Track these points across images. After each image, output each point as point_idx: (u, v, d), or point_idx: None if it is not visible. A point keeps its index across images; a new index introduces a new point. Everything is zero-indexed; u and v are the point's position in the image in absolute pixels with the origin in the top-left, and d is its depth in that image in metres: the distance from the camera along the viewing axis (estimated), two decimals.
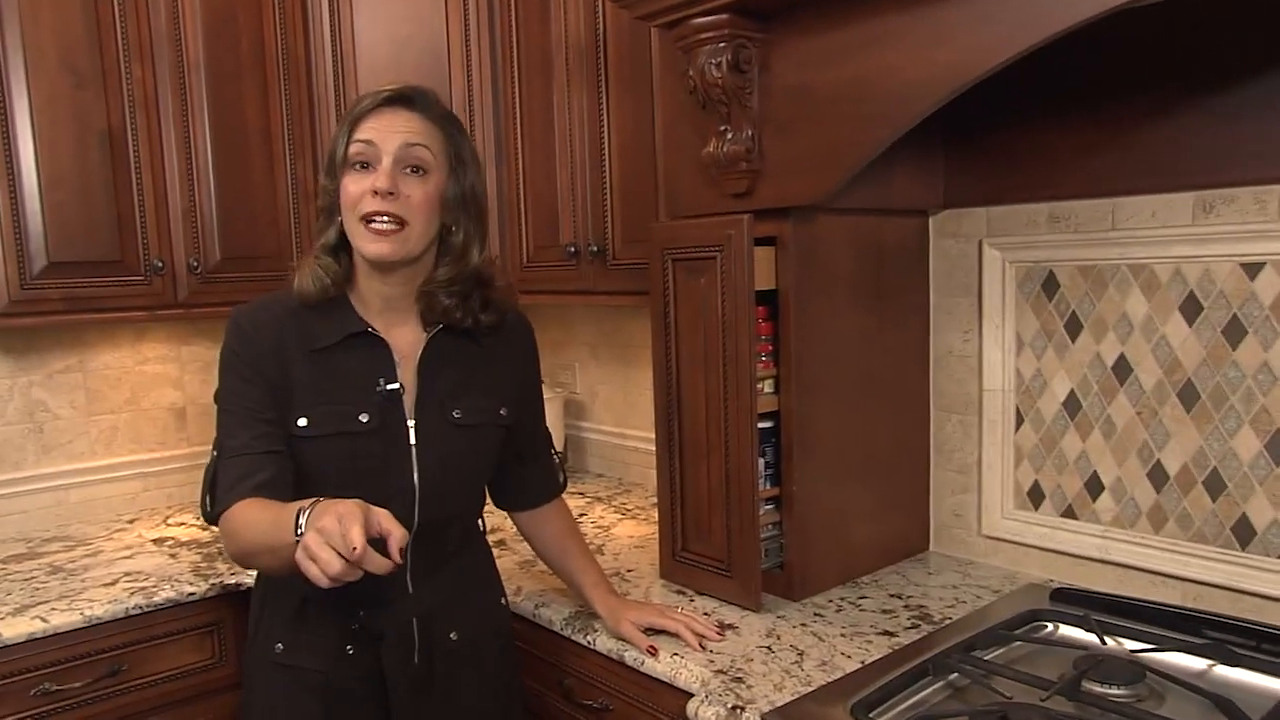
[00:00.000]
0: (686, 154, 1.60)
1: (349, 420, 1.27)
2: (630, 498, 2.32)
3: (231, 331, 1.29)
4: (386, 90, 1.27)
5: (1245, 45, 1.31)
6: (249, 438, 1.23)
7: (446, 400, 1.33)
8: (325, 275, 1.29)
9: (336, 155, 1.26)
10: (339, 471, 1.26)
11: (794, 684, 1.26)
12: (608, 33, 1.88)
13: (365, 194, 1.23)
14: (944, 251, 1.73)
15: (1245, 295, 1.37)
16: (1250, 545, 1.39)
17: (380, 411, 1.28)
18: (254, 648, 1.37)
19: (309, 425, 1.25)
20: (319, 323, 1.29)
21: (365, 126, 1.24)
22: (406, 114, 1.26)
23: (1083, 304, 1.54)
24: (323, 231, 1.31)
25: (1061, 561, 1.60)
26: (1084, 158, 1.50)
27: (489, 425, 1.38)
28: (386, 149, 1.23)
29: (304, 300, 1.29)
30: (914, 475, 1.77)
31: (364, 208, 1.23)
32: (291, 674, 1.31)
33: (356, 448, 1.27)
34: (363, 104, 1.26)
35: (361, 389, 1.28)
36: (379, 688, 1.30)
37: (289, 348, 1.27)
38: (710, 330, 1.52)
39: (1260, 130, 1.31)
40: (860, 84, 1.34)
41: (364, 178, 1.23)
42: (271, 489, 1.21)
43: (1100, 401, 1.54)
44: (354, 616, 1.29)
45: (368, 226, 1.24)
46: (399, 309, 1.33)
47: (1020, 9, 1.15)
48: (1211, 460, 1.42)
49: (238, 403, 1.26)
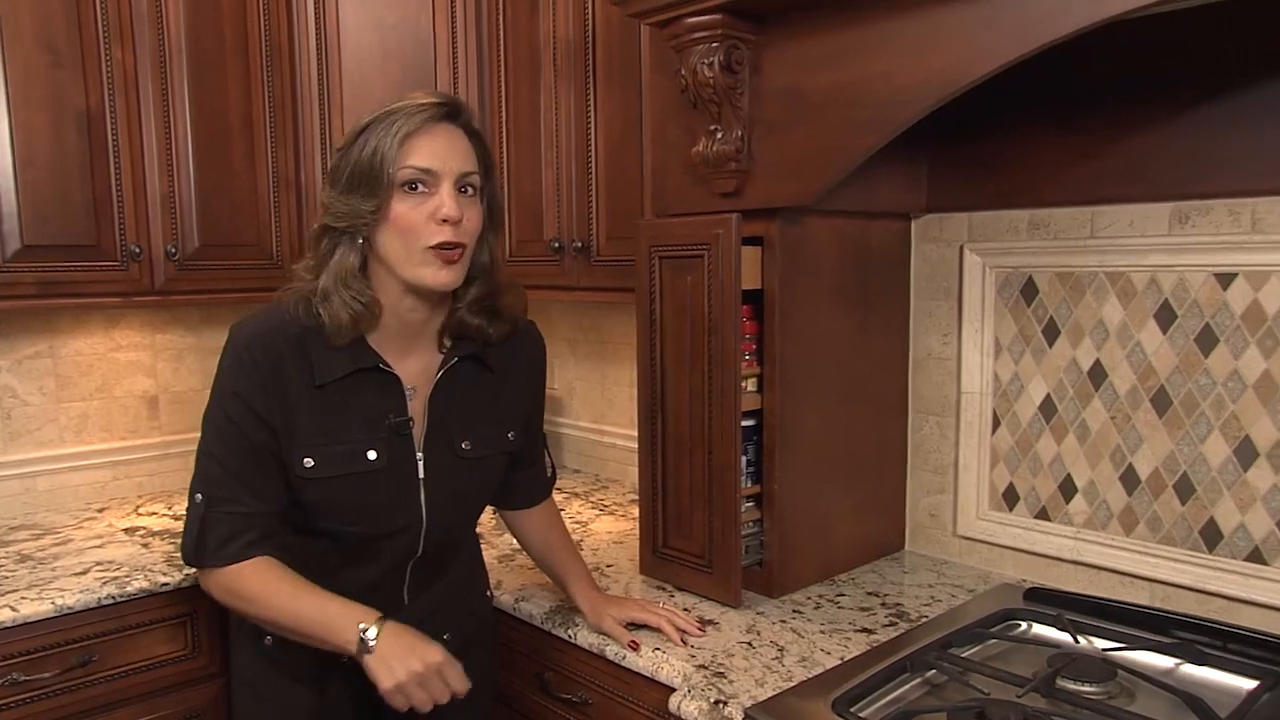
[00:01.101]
0: (675, 152, 1.61)
1: (356, 459, 1.23)
2: (608, 494, 2.32)
3: (232, 362, 1.20)
4: (431, 102, 1.19)
5: (1223, 61, 1.34)
6: (244, 493, 1.20)
7: (456, 433, 1.31)
8: (361, 305, 1.20)
9: (382, 175, 1.15)
10: (345, 509, 1.25)
11: (775, 679, 1.27)
12: (597, 30, 1.88)
13: (430, 222, 1.16)
14: (925, 255, 1.76)
15: (1218, 305, 1.40)
16: (1217, 548, 1.43)
17: (388, 448, 1.25)
18: (243, 634, 1.36)
19: (314, 467, 1.21)
20: (326, 354, 1.21)
21: (420, 149, 1.16)
22: (458, 134, 1.20)
23: (1060, 310, 1.58)
24: (336, 251, 1.20)
25: (1035, 562, 1.63)
26: (1064, 166, 1.53)
27: (497, 454, 1.38)
28: (446, 174, 1.17)
29: (336, 340, 1.20)
30: (891, 475, 1.80)
31: (435, 237, 1.16)
32: (281, 668, 1.31)
33: (363, 486, 1.24)
34: (407, 119, 1.16)
35: (369, 425, 1.24)
36: (371, 690, 1.29)
37: (294, 383, 1.20)
38: (696, 328, 1.53)
39: (1236, 144, 1.35)
40: (851, 88, 1.36)
41: (422, 202, 1.17)
42: (266, 548, 1.22)
43: (1075, 406, 1.57)
44: None
45: (436, 256, 1.17)
46: (419, 334, 1.28)
47: (1011, 18, 1.17)
48: (1182, 465, 1.46)
49: (233, 458, 1.20)
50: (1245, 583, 1.40)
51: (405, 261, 1.19)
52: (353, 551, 1.29)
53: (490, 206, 1.28)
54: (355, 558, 1.29)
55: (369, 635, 1.16)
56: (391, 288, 1.22)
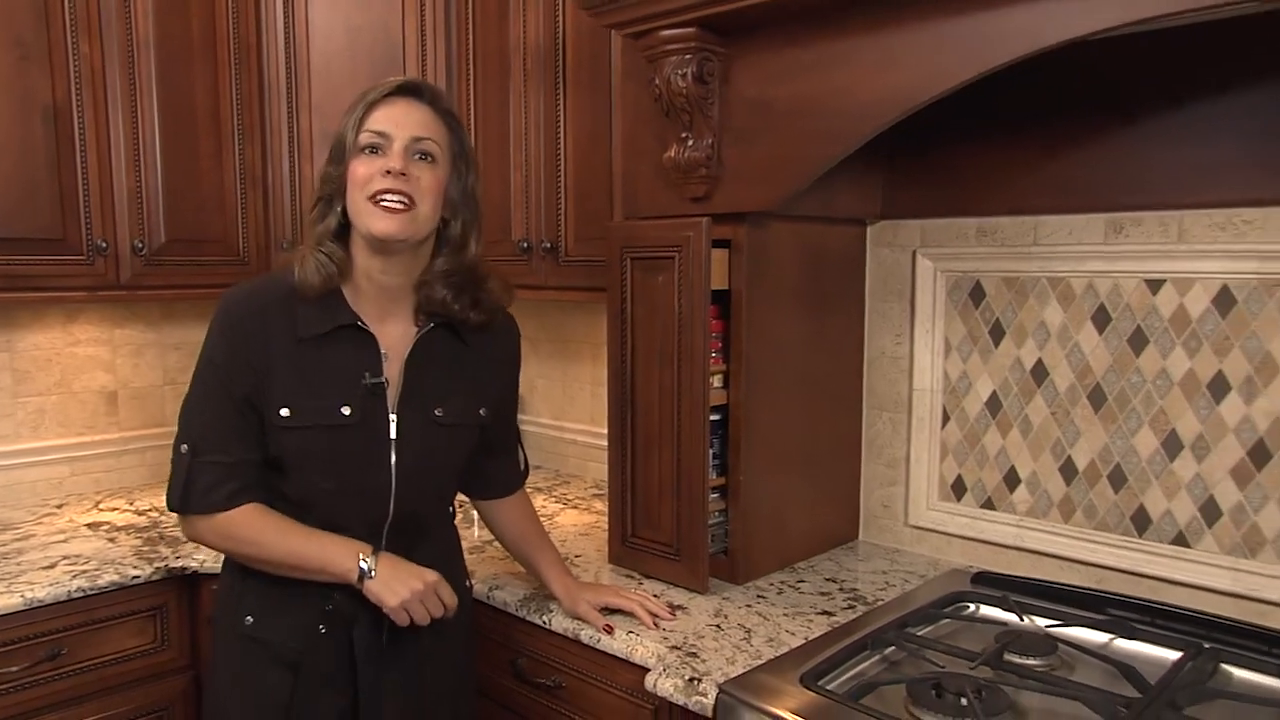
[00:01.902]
0: (646, 158, 1.68)
1: (331, 413, 1.30)
2: (569, 489, 2.38)
3: (220, 321, 1.30)
4: (397, 80, 1.30)
5: (1157, 83, 1.46)
6: (228, 443, 1.29)
7: (430, 399, 1.37)
8: (331, 263, 1.30)
9: (346, 141, 1.27)
10: (318, 461, 1.30)
11: (745, 658, 1.35)
12: (567, 36, 1.94)
13: (375, 174, 1.26)
14: (880, 259, 1.86)
15: (1148, 309, 1.52)
16: (1146, 533, 1.54)
17: (362, 405, 1.32)
18: (223, 619, 1.39)
19: (291, 416, 1.29)
20: (309, 312, 1.30)
21: (377, 115, 1.27)
22: (417, 105, 1.30)
23: (1006, 312, 1.68)
24: (322, 218, 1.31)
25: (981, 549, 1.74)
26: (1010, 178, 1.64)
27: (469, 425, 1.43)
28: (398, 137, 1.27)
29: (306, 292, 1.29)
30: (847, 468, 1.89)
31: (374, 186, 1.25)
32: (260, 647, 1.34)
33: (336, 440, 1.30)
34: (373, 92, 1.29)
35: (345, 381, 1.31)
36: (347, 667, 1.33)
37: (276, 336, 1.29)
38: (666, 326, 1.60)
39: (1166, 161, 1.47)
40: (815, 101, 1.44)
41: (374, 160, 1.26)
42: (252, 496, 1.31)
43: (1019, 402, 1.68)
44: (328, 599, 1.32)
45: (377, 204, 1.26)
46: (395, 299, 1.36)
47: (963, 43, 1.26)
48: (1115, 456, 1.57)
49: (216, 408, 1.29)
50: (1171, 564, 1.51)
51: (357, 214, 1.28)
52: (325, 518, 1.33)
53: (465, 189, 1.37)
54: (329, 526, 1.33)
55: (367, 563, 1.29)
56: (360, 248, 1.32)
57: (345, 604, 1.32)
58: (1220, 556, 1.47)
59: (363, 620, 1.34)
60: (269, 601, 1.34)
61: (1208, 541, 1.48)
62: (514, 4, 2.03)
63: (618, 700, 1.46)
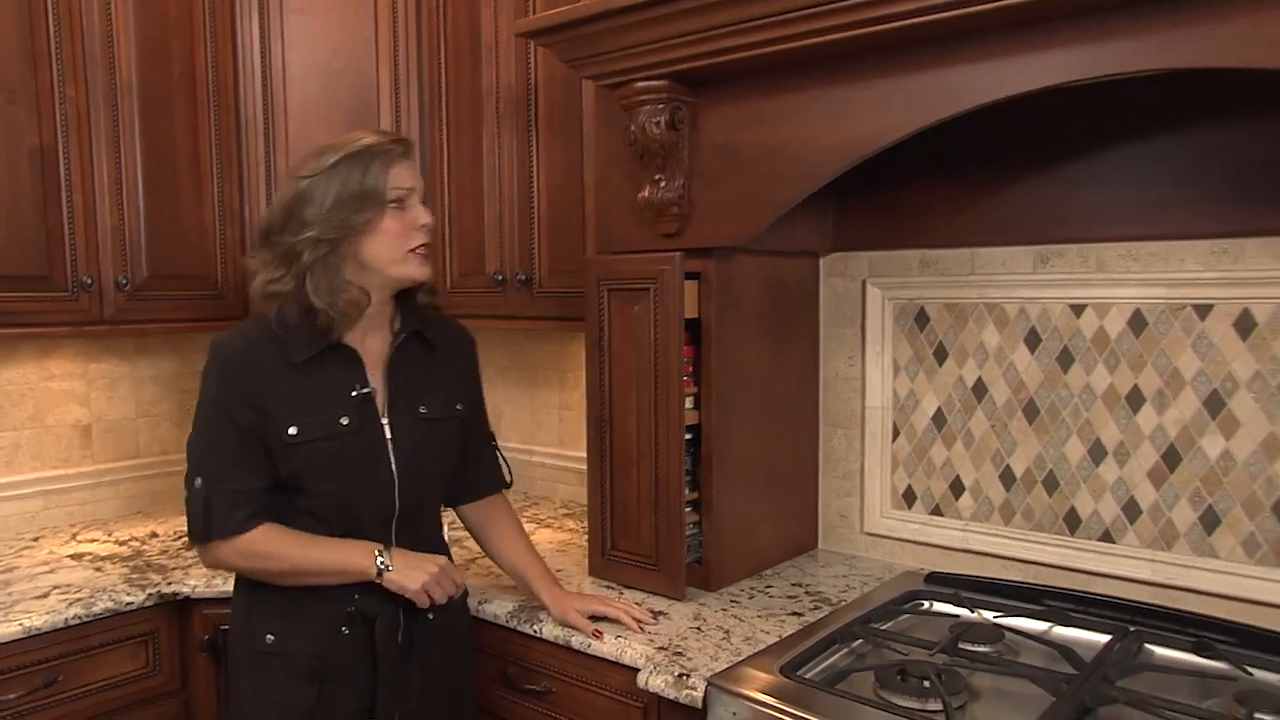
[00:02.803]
0: (619, 197, 1.81)
1: (332, 425, 1.43)
2: (540, 509, 2.48)
3: (214, 363, 1.43)
4: (397, 140, 1.47)
5: (1077, 132, 1.65)
6: (238, 471, 1.41)
7: (413, 399, 1.52)
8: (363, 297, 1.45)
9: (374, 194, 1.41)
10: (329, 469, 1.42)
11: (727, 655, 1.47)
12: (539, 82, 2.07)
13: (411, 229, 1.45)
14: (833, 288, 2.02)
15: (1073, 330, 1.71)
16: (1077, 531, 1.72)
17: (357, 414, 1.46)
18: (241, 641, 1.47)
19: (299, 433, 1.41)
20: (296, 339, 1.43)
21: (401, 174, 1.44)
22: (412, 160, 1.49)
23: (948, 335, 1.86)
24: (321, 260, 1.41)
25: (931, 552, 1.90)
26: (950, 214, 1.82)
27: (450, 418, 1.58)
28: (416, 191, 1.47)
29: (343, 327, 1.44)
30: (806, 482, 2.04)
31: (416, 239, 1.46)
32: (282, 662, 1.43)
33: (341, 447, 1.43)
34: (387, 152, 1.44)
35: (339, 396, 1.45)
36: (367, 667, 1.44)
37: (269, 368, 1.42)
38: (643, 352, 1.73)
39: (1084, 200, 1.66)
40: (778, 148, 1.60)
41: (403, 214, 1.44)
42: (267, 517, 1.43)
43: (962, 416, 1.85)
44: (349, 600, 1.43)
45: (416, 253, 1.46)
46: (376, 319, 1.51)
47: (912, 97, 1.43)
48: (1048, 464, 1.75)
49: (224, 440, 1.41)
50: (1099, 559, 1.69)
51: (393, 262, 1.45)
52: (341, 522, 1.46)
53: None
54: (345, 529, 1.46)
55: (383, 559, 1.43)
56: (367, 284, 1.46)
57: (366, 603, 1.44)
58: (1141, 550, 1.65)
59: (384, 615, 1.45)
60: (288, 616, 1.43)
61: (1130, 537, 1.66)
62: (487, 51, 2.16)
63: (608, 701, 1.57)
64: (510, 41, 2.10)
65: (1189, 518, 1.60)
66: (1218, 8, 1.16)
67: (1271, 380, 1.51)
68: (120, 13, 2.05)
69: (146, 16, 2.09)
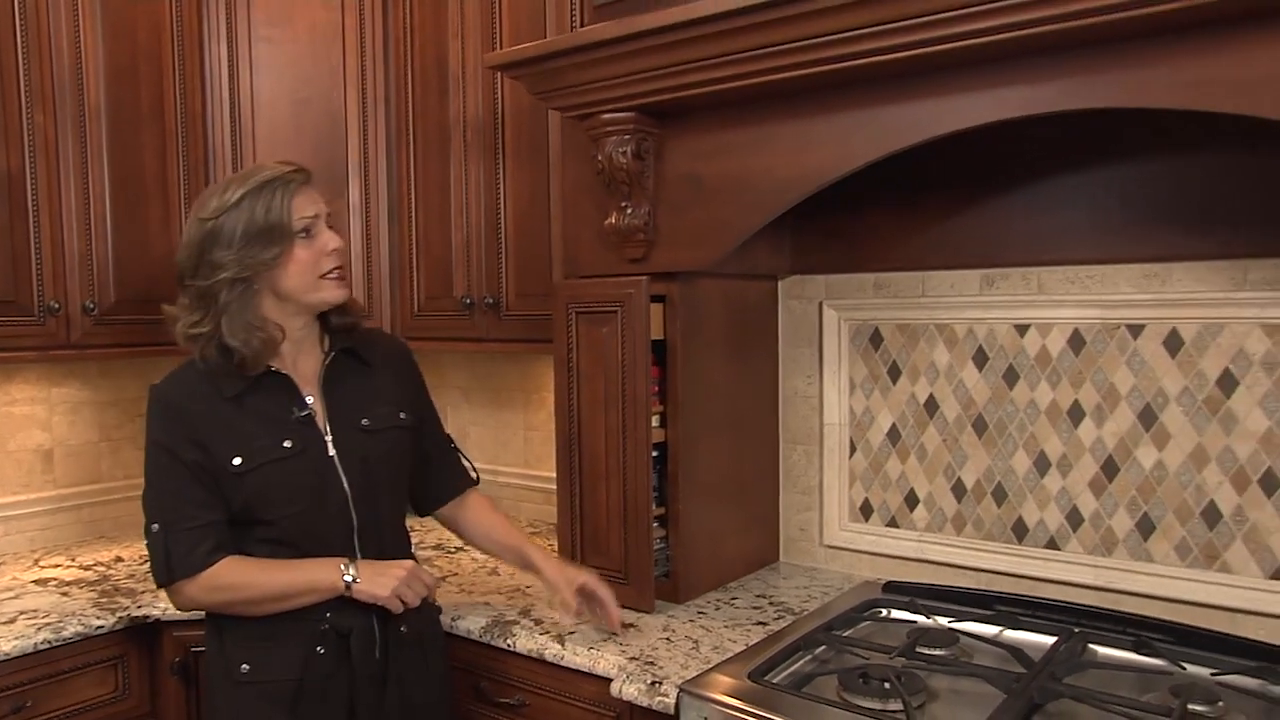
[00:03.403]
0: (587, 223, 1.88)
1: (275, 449, 1.46)
2: None
3: (153, 409, 1.46)
4: (293, 166, 1.48)
5: (1020, 162, 1.75)
6: (192, 508, 1.43)
7: (354, 413, 1.55)
8: (278, 335, 1.47)
9: (280, 227, 1.42)
10: (279, 493, 1.45)
11: (697, 663, 1.53)
12: (506, 112, 2.13)
13: (321, 255, 1.48)
14: (791, 310, 2.10)
15: (1018, 349, 1.81)
16: (1025, 540, 1.81)
17: (301, 435, 1.48)
18: (216, 670, 1.48)
19: (243, 462, 1.43)
20: (227, 375, 1.46)
21: (303, 205, 1.46)
22: (313, 188, 1.51)
23: (901, 354, 1.95)
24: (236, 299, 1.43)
25: (888, 563, 1.98)
26: (901, 239, 1.91)
27: (395, 428, 1.60)
28: (321, 216, 1.50)
29: (254, 367, 1.45)
30: (767, 496, 2.11)
31: (326, 264, 1.49)
32: (259, 689, 1.44)
33: (288, 470, 1.46)
34: (289, 182, 1.45)
35: (279, 420, 1.48)
36: (345, 685, 1.46)
37: (206, 403, 1.45)
38: (610, 373, 1.79)
39: (1026, 227, 1.76)
40: (740, 177, 1.68)
41: (312, 242, 1.47)
42: (229, 550, 1.45)
43: (915, 432, 1.94)
44: (322, 619, 1.45)
45: (330, 277, 1.49)
46: (304, 342, 1.55)
47: (869, 130, 1.52)
48: (997, 476, 1.84)
49: (173, 482, 1.43)
50: (1045, 565, 1.78)
51: (308, 289, 1.48)
52: (304, 544, 1.48)
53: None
54: (310, 551, 1.48)
55: (350, 571, 1.46)
56: (286, 313, 1.49)
57: (340, 619, 1.46)
58: (1084, 556, 1.74)
59: (359, 629, 1.47)
60: (262, 643, 1.45)
61: (1073, 544, 1.76)
62: (454, 81, 2.21)
63: (581, 712, 1.62)
64: (478, 72, 2.17)
65: (1127, 525, 1.70)
66: (1147, 55, 1.27)
67: (1198, 395, 1.62)
68: (89, 39, 2.07)
69: (115, 43, 2.11)
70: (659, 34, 1.54)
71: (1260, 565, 1.58)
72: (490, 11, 2.14)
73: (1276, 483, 1.56)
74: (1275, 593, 1.56)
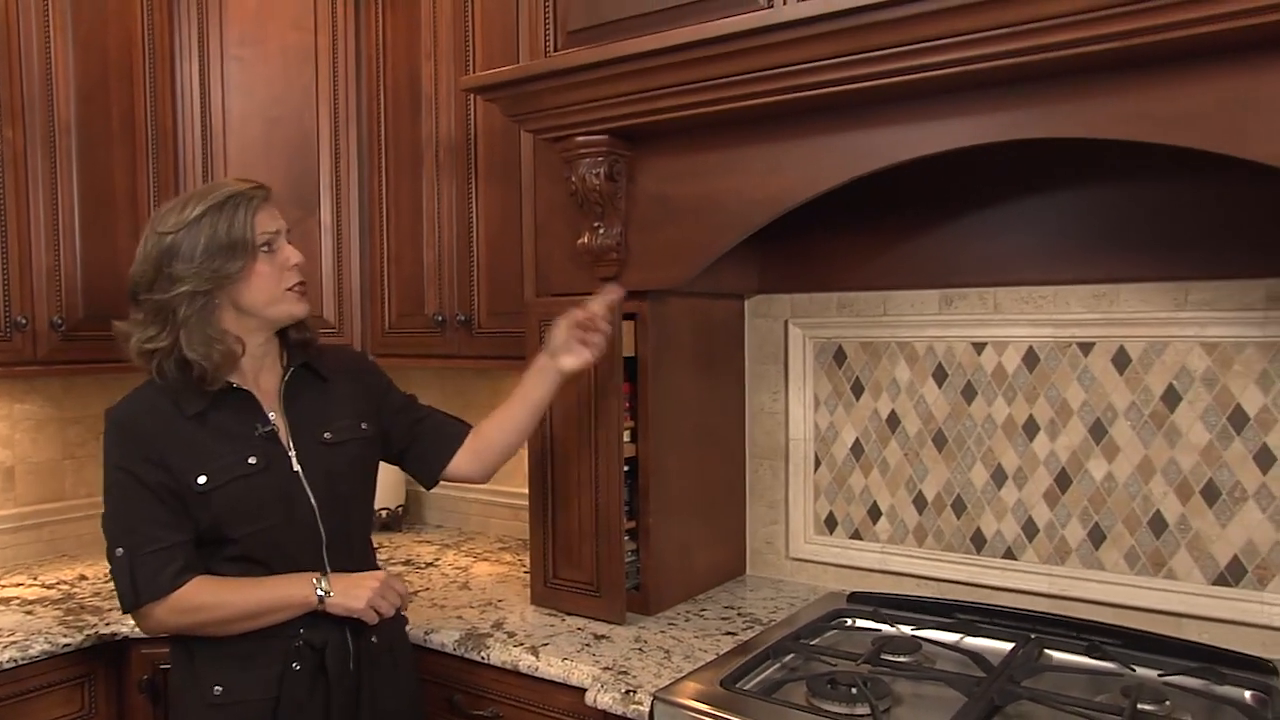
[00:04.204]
0: (559, 242, 1.92)
1: (239, 466, 1.45)
2: (476, 544, 2.54)
3: (112, 435, 1.44)
4: (252, 183, 1.50)
5: (978, 187, 1.83)
6: (156, 530, 1.41)
7: (315, 427, 1.55)
8: (236, 349, 1.46)
9: (243, 242, 1.43)
10: (245, 508, 1.44)
11: (670, 672, 1.56)
12: (478, 132, 2.17)
13: (282, 269, 1.49)
14: (757, 328, 2.16)
15: (975, 366, 1.88)
16: (983, 550, 1.88)
17: (264, 451, 1.48)
18: (186, 693, 1.47)
19: (208, 481, 1.42)
20: (188, 392, 1.44)
21: (263, 218, 1.47)
22: (273, 205, 1.51)
23: (864, 371, 2.01)
24: (197, 313, 1.42)
25: (852, 574, 2.03)
26: (863, 260, 1.98)
27: (356, 439, 1.60)
28: (282, 231, 1.51)
29: (214, 382, 1.43)
30: (734, 510, 2.16)
31: (290, 279, 1.50)
32: (234, 710, 1.43)
33: (253, 486, 1.45)
34: (251, 198, 1.46)
35: (242, 437, 1.47)
36: (321, 700, 1.46)
37: (165, 422, 1.43)
38: (582, 389, 1.83)
39: (982, 249, 1.84)
40: (709, 199, 1.73)
41: (274, 256, 1.48)
42: (196, 570, 1.43)
43: (878, 446, 2.00)
44: (296, 635, 1.45)
45: (293, 291, 1.51)
46: (264, 359, 1.55)
47: (836, 155, 1.58)
48: (956, 488, 1.91)
49: (135, 504, 1.41)
50: (1002, 575, 1.85)
51: (271, 303, 1.48)
52: (273, 561, 1.47)
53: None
54: (280, 568, 1.48)
55: (322, 586, 1.45)
56: (247, 328, 1.49)
57: (313, 634, 1.46)
58: (1039, 565, 1.81)
59: (333, 643, 1.47)
60: (234, 663, 1.44)
61: (1029, 554, 1.83)
62: (427, 102, 2.25)
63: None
64: (450, 93, 2.20)
65: (1079, 534, 1.77)
66: (1091, 90, 1.35)
67: (1145, 410, 1.70)
68: (60, 54, 2.07)
69: (86, 59, 2.12)
70: (634, 60, 1.59)
71: (1203, 572, 1.66)
72: (463, 33, 2.18)
73: (1217, 493, 1.64)
74: (1217, 598, 1.65)
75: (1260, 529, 1.61)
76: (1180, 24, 1.21)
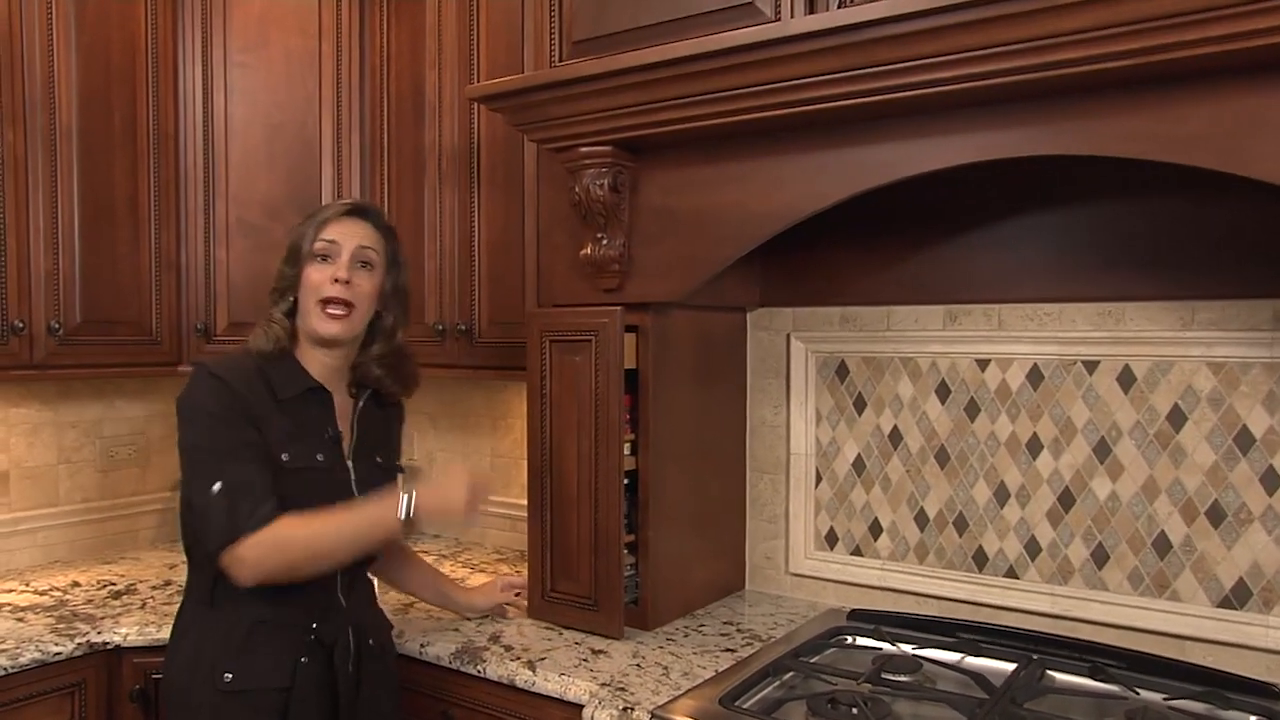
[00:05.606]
0: (562, 253, 1.91)
1: (311, 458, 1.53)
2: (472, 555, 2.52)
3: (207, 382, 1.48)
4: (348, 203, 1.62)
5: (983, 204, 1.82)
6: (254, 475, 1.44)
7: (373, 449, 1.64)
8: (281, 333, 1.56)
9: (302, 248, 1.54)
10: (307, 497, 1.48)
11: (668, 689, 1.55)
12: (482, 142, 2.16)
13: (325, 281, 1.52)
14: (759, 341, 2.15)
15: (979, 383, 1.87)
16: (985, 568, 1.86)
17: (329, 454, 1.56)
18: (195, 683, 1.47)
19: (290, 460, 1.49)
20: (281, 378, 1.54)
21: (330, 229, 1.57)
22: (361, 223, 1.59)
23: (866, 386, 2.00)
24: (275, 305, 1.60)
25: (852, 591, 2.02)
26: (867, 275, 1.97)
27: (396, 470, 1.70)
28: (346, 248, 1.54)
29: (260, 354, 1.52)
30: (734, 525, 2.14)
31: (324, 292, 1.53)
32: (245, 699, 1.44)
33: (316, 480, 1.52)
34: (328, 211, 1.59)
35: (317, 434, 1.56)
36: (328, 694, 1.48)
37: (260, 397, 1.51)
38: (584, 401, 1.82)
39: (988, 266, 1.83)
40: (713, 212, 1.72)
41: (325, 268, 1.53)
42: (284, 510, 1.45)
43: (880, 462, 1.98)
44: (308, 629, 1.46)
45: (325, 309, 1.53)
46: (335, 376, 1.61)
47: (840, 170, 1.57)
48: (958, 506, 1.89)
49: (236, 447, 1.45)
50: (1004, 594, 1.84)
51: (306, 314, 1.56)
52: None
53: (395, 287, 1.65)
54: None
55: (406, 500, 1.47)
56: (305, 337, 1.58)
57: (325, 631, 1.48)
58: (1041, 585, 1.80)
59: (341, 643, 1.50)
60: (246, 650, 1.45)
61: (1031, 573, 1.81)
62: (430, 110, 2.24)
63: None
64: (454, 101, 2.20)
65: (1082, 554, 1.76)
66: (1098, 108, 1.34)
67: (1150, 429, 1.69)
68: (62, 59, 2.06)
69: (89, 63, 2.11)
70: (640, 72, 1.59)
71: (1208, 594, 1.64)
72: (468, 42, 2.18)
73: (1223, 514, 1.63)
74: (1222, 621, 1.63)
75: (1266, 551, 1.60)
76: (1187, 44, 1.21)
